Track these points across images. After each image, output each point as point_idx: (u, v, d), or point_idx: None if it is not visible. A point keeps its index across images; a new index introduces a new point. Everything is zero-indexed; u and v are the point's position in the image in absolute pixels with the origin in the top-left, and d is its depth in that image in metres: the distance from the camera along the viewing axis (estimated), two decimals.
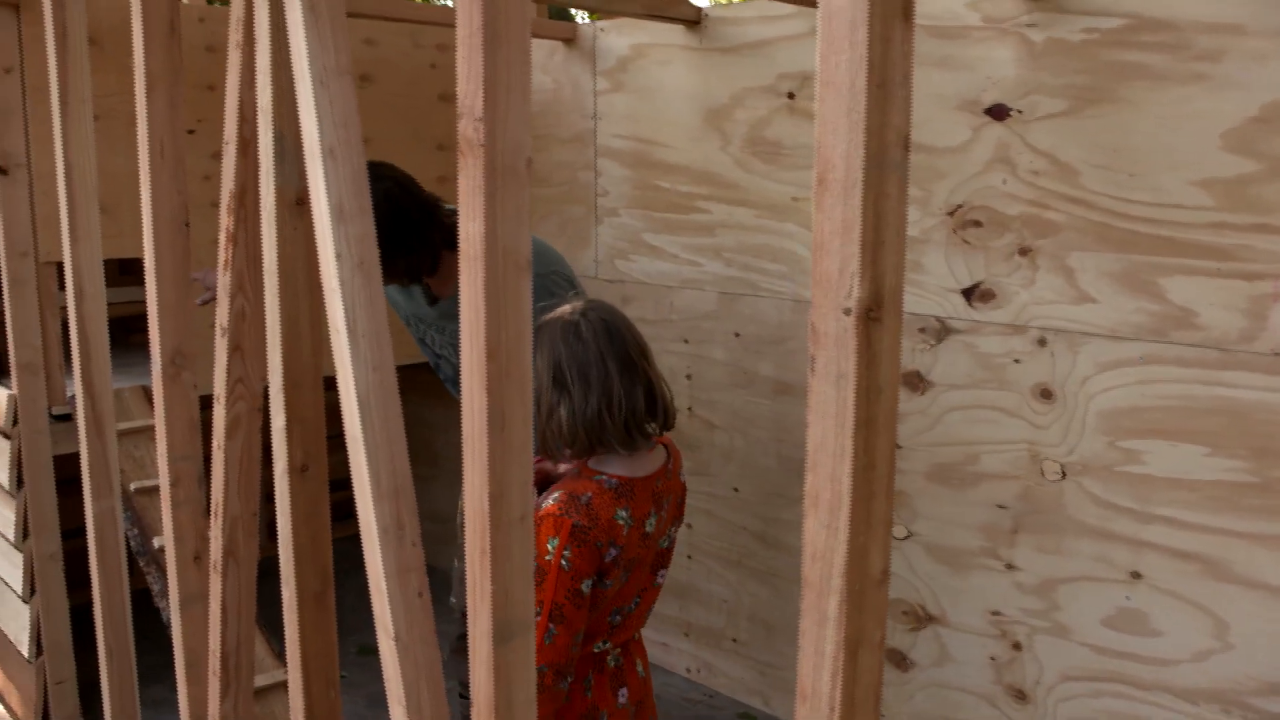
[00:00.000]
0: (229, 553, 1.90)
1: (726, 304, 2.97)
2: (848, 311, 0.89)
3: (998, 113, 2.36)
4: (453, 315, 2.48)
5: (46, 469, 2.82)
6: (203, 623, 2.09)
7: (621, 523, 1.69)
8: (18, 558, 2.87)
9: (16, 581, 2.90)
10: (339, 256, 1.50)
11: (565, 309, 1.74)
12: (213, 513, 1.91)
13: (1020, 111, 2.33)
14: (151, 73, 1.94)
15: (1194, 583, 2.18)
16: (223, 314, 1.79)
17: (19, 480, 2.82)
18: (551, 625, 1.66)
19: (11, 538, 2.87)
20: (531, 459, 1.33)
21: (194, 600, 2.10)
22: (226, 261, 1.77)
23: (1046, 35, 2.25)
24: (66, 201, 2.34)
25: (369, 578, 1.53)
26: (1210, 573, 2.16)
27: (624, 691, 1.79)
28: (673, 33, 2.96)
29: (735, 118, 2.86)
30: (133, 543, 2.72)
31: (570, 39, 3.29)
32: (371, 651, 3.37)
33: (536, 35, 3.31)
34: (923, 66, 2.45)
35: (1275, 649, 2.09)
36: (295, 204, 1.63)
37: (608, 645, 1.77)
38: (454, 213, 2.38)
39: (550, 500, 1.71)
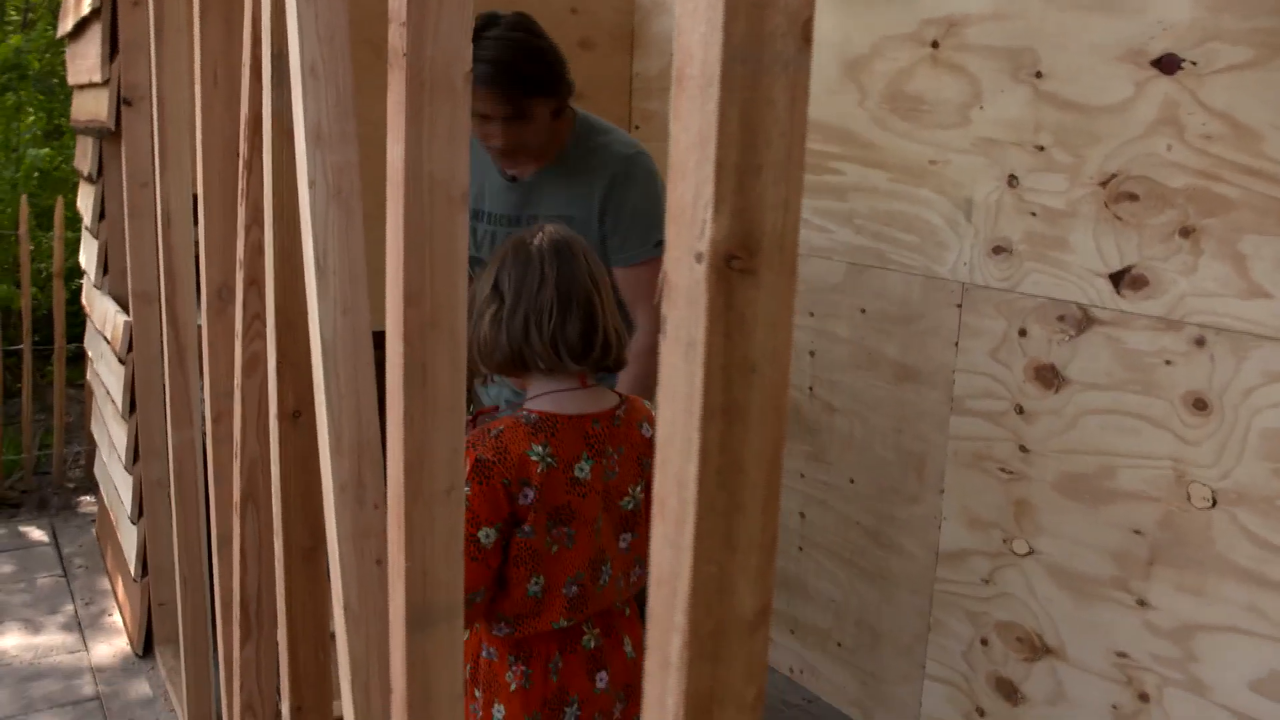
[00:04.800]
0: (248, 496, 1.82)
1: (854, 276, 2.68)
2: (700, 257, 0.66)
3: (1167, 65, 1.98)
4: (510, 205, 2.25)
5: (158, 396, 2.85)
6: None
7: (535, 459, 1.51)
8: (129, 480, 2.94)
9: (129, 502, 2.97)
10: (312, 184, 1.35)
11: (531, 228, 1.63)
12: (233, 454, 1.83)
13: (1194, 63, 1.94)
14: None
15: None
16: (240, 247, 1.70)
17: (132, 405, 2.88)
18: None
19: (123, 460, 2.94)
20: (463, 425, 1.15)
21: (231, 541, 2.04)
22: (243, 191, 1.67)
23: None
24: (157, 130, 2.32)
25: (327, 540, 1.39)
26: None
27: (603, 675, 1.60)
28: None
29: (874, 70, 2.55)
30: None
31: None
32: None
33: None
34: (1079, 11, 2.09)
35: None
36: (293, 132, 1.49)
37: (568, 623, 1.57)
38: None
39: None
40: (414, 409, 1.09)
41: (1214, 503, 1.96)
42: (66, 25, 3.23)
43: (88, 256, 3.40)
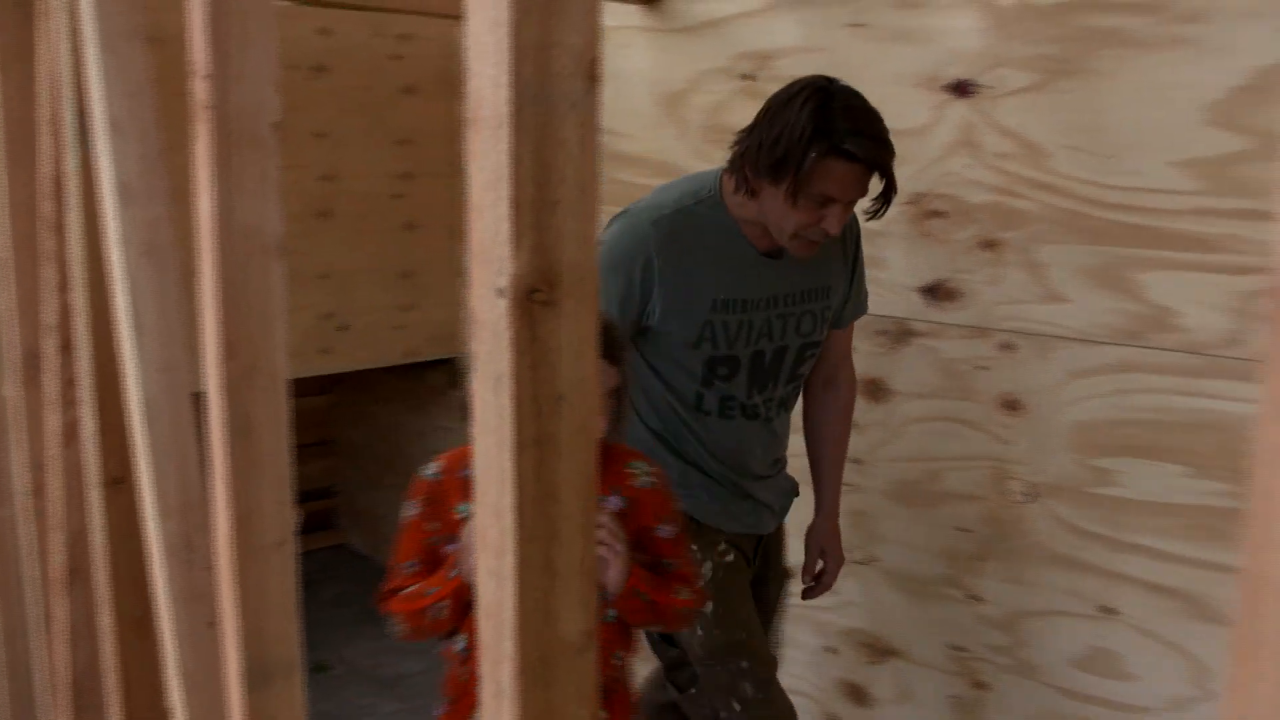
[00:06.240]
0: (73, 570, 1.74)
1: None
2: (501, 292, 0.68)
3: (961, 89, 2.11)
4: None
5: None
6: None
7: None
8: None
9: None
10: (124, 242, 1.32)
11: None
12: (51, 528, 1.75)
13: (986, 87, 2.07)
14: (4, 49, 1.79)
15: (1172, 621, 1.91)
16: (49, 311, 1.63)
17: None
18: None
19: None
20: (289, 477, 1.14)
21: (54, 620, 1.95)
22: (51, 253, 1.61)
23: None
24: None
25: (158, 602, 1.35)
26: (1190, 610, 1.88)
27: None
28: (631, 13, 2.75)
29: (693, 103, 2.64)
30: None
31: None
32: (323, 669, 3.21)
33: None
34: (879, 42, 2.22)
35: None
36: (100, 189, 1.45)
37: None
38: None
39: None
40: (240, 462, 1.08)
41: (1031, 496, 2.08)
42: None
43: None
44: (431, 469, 1.65)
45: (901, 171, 2.20)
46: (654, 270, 1.78)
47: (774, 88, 2.44)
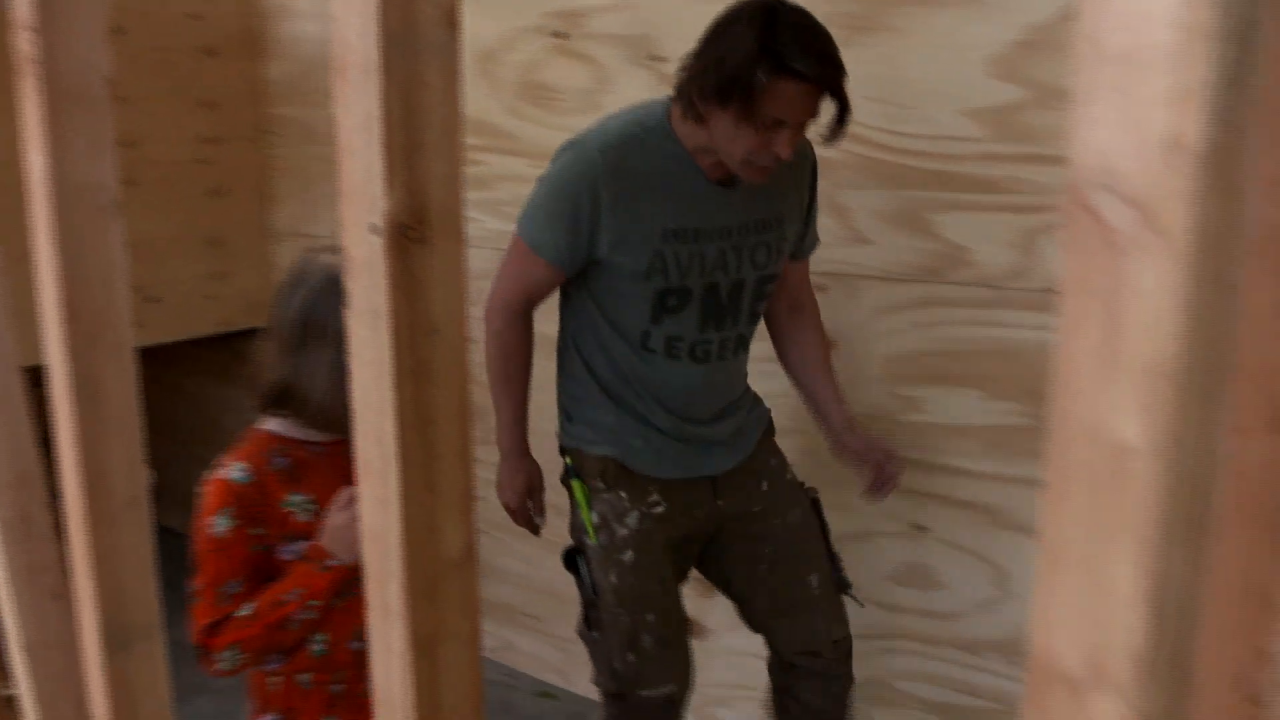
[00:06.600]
0: None
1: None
2: (375, 229, 0.71)
3: None
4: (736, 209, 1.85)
5: None
6: None
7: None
8: None
9: None
10: None
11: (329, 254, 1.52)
12: None
13: None
14: None
15: (975, 532, 2.10)
16: None
17: None
18: None
19: None
20: (139, 436, 1.13)
21: None
22: None
23: None
24: None
25: None
26: (991, 521, 2.07)
27: None
28: None
29: (505, 61, 2.66)
30: None
31: None
32: None
33: None
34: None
35: None
36: None
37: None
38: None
39: None
40: (88, 425, 1.07)
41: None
42: None
43: None
44: (236, 471, 1.49)
45: None
46: (601, 200, 1.75)
47: (586, 45, 2.50)
